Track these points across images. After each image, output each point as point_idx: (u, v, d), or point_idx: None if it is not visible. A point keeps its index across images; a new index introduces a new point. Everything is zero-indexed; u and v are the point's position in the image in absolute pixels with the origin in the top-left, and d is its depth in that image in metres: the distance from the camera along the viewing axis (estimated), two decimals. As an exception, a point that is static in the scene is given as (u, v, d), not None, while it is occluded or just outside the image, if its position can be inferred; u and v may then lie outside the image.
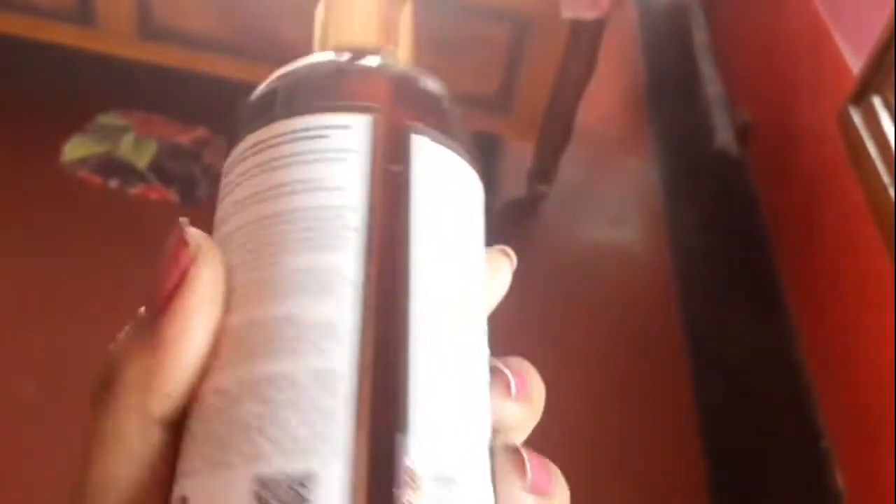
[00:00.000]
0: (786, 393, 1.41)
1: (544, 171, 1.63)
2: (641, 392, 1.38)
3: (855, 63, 1.46)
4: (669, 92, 2.22)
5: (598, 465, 1.25)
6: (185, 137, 1.70)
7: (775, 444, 1.33)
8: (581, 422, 1.31)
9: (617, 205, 1.77)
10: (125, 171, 1.60)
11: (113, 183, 1.58)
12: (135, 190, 1.57)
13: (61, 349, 1.26)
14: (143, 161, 1.62)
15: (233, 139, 0.23)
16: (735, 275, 1.66)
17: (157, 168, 1.62)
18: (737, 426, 1.35)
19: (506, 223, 1.65)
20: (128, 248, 1.46)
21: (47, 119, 1.70)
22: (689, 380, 1.42)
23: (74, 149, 1.63)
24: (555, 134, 1.55)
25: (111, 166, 1.61)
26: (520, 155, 1.79)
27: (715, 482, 1.26)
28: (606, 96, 2.10)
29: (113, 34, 1.59)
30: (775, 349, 1.49)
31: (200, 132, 1.72)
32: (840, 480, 1.25)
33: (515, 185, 1.74)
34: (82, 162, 1.61)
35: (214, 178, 1.62)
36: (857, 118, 1.30)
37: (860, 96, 1.30)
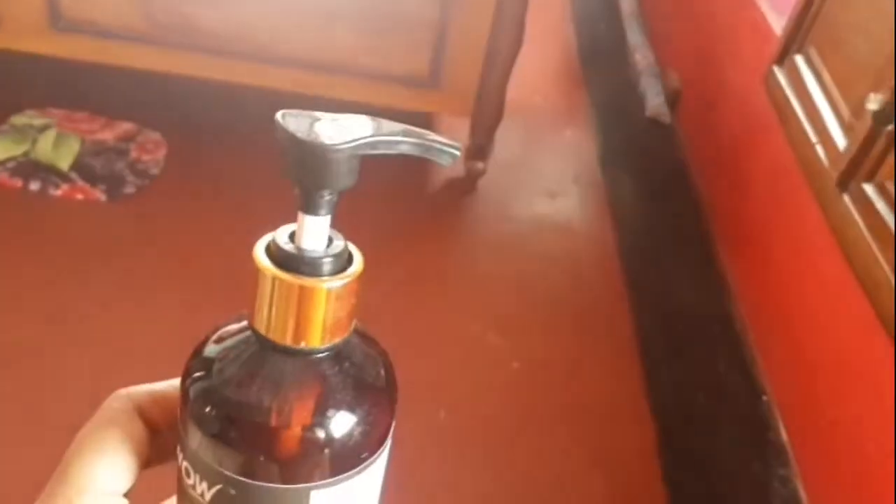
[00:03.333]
0: (727, 351, 1.44)
1: (480, 147, 1.62)
2: (589, 360, 1.39)
3: (776, 23, 1.49)
4: (601, 62, 2.24)
5: (551, 433, 1.26)
6: (110, 134, 1.63)
7: (719, 402, 1.36)
8: (532, 392, 1.32)
9: (555, 178, 1.78)
10: (46, 172, 1.53)
11: (34, 185, 1.51)
12: (58, 192, 1.51)
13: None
14: (65, 161, 1.56)
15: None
16: (673, 239, 1.69)
17: (81, 167, 1.55)
18: (682, 387, 1.38)
19: (445, 202, 1.64)
20: (56, 252, 1.40)
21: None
22: (634, 345, 1.44)
23: (-10, 152, 1.56)
24: (488, 109, 1.54)
25: (31, 168, 1.53)
26: (453, 133, 1.78)
27: (664, 442, 1.29)
28: (539, 69, 2.10)
29: (20, 28, 1.52)
30: (715, 309, 1.52)
31: (126, 127, 1.66)
32: (783, 433, 1.29)
33: (452, 164, 1.73)
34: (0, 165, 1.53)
35: (141, 174, 1.57)
36: (781, 78, 1.32)
37: (784, 56, 1.33)
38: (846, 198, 1.10)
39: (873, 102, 1.01)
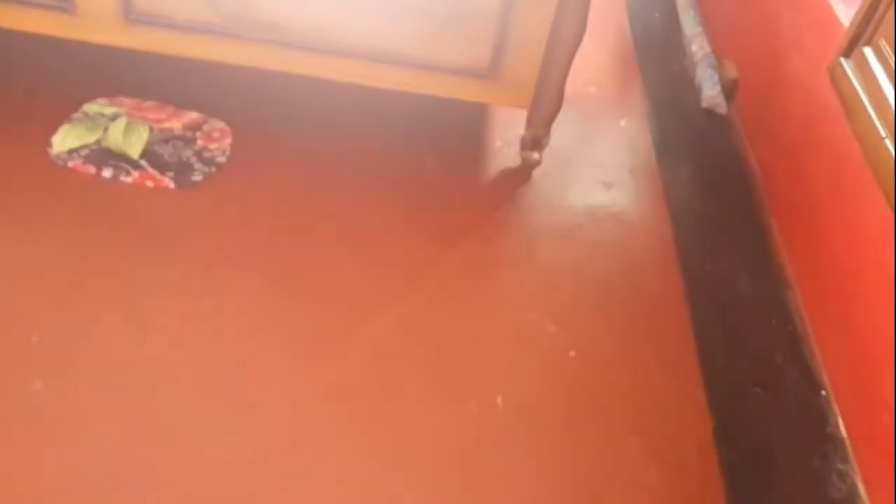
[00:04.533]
0: (785, 344, 1.44)
1: (537, 138, 1.63)
2: (645, 350, 1.40)
3: (843, 15, 1.46)
4: (656, 52, 2.22)
5: (607, 423, 1.28)
6: (178, 122, 1.69)
7: (777, 396, 1.36)
8: (588, 382, 1.33)
9: (610, 168, 1.78)
10: (118, 160, 1.59)
11: (106, 173, 1.57)
12: (129, 179, 1.56)
13: (63, 342, 1.27)
14: (135, 149, 1.61)
15: None
16: (729, 229, 1.68)
17: (150, 155, 1.61)
18: (738, 379, 1.38)
19: (500, 192, 1.66)
20: (128, 237, 1.46)
21: (28, 111, 1.68)
22: (691, 336, 1.44)
23: (64, 139, 1.62)
24: (546, 101, 1.55)
25: (103, 156, 1.59)
26: (508, 124, 1.79)
27: (721, 434, 1.29)
28: (595, 60, 2.10)
29: (94, 20, 1.57)
30: (772, 301, 1.52)
31: (193, 116, 1.71)
32: (842, 429, 1.28)
33: (505, 155, 1.75)
34: (73, 153, 1.59)
35: (208, 162, 1.62)
36: (849, 70, 1.31)
37: (851, 48, 1.31)
38: (916, 193, 1.09)
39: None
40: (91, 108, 1.70)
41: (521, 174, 1.69)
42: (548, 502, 1.16)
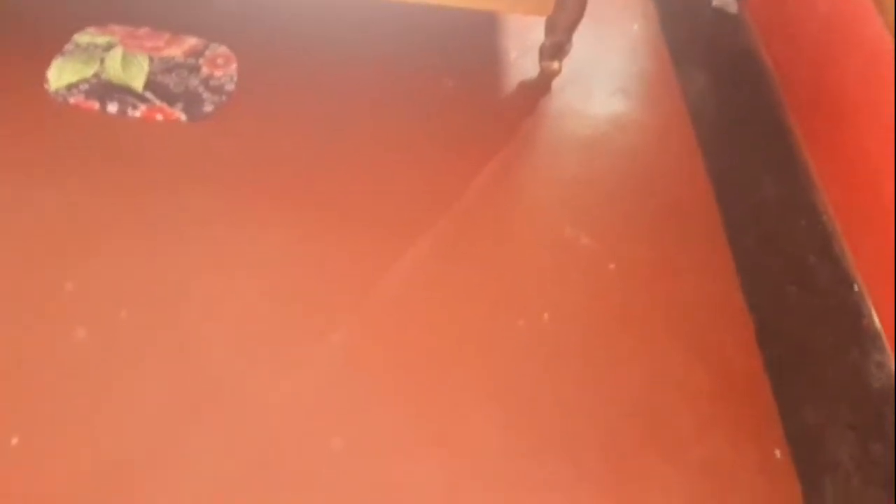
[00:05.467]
0: (815, 243, 1.46)
1: (558, 46, 1.59)
2: (681, 257, 1.41)
3: None
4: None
5: (651, 331, 1.30)
6: (177, 49, 1.60)
7: (812, 293, 1.39)
8: (629, 292, 1.35)
9: (627, 74, 1.75)
10: (121, 93, 1.51)
11: (112, 108, 1.49)
12: (137, 113, 1.49)
13: (99, 288, 1.23)
14: (138, 81, 1.53)
15: None
16: (750, 130, 1.68)
17: (154, 86, 1.53)
18: (774, 279, 1.41)
19: (521, 105, 1.62)
20: (147, 175, 1.40)
21: (16, 46, 1.58)
22: (724, 239, 1.46)
23: (60, 74, 1.53)
24: (571, 4, 1.49)
25: (105, 90, 1.51)
26: (525, 32, 1.73)
27: (762, 335, 1.33)
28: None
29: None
30: (799, 201, 1.53)
31: (192, 42, 1.62)
32: (876, 321, 1.32)
33: (522, 66, 1.70)
34: (72, 88, 1.51)
35: (217, 91, 1.55)
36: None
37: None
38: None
39: None
40: (82, 38, 1.60)
41: (541, 85, 1.65)
42: (601, 410, 1.19)
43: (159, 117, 1.49)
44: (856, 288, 1.39)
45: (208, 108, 1.51)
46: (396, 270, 1.32)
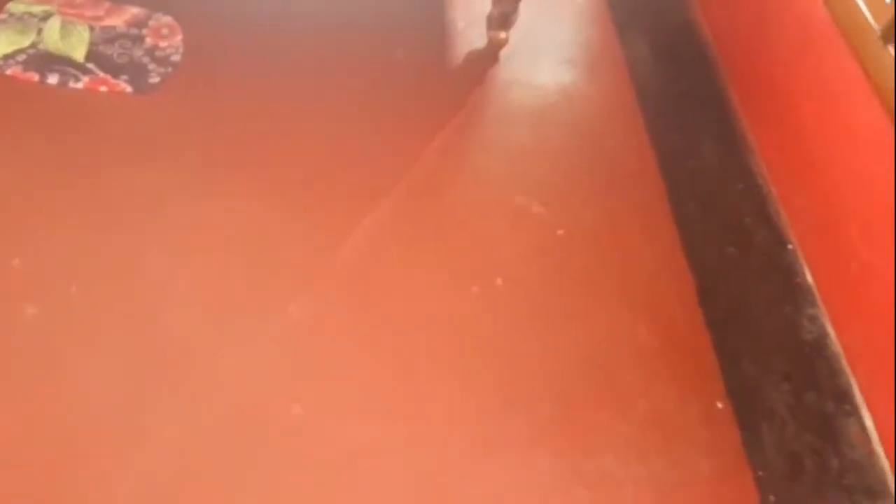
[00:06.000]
0: (752, 206, 1.53)
1: (505, 16, 1.60)
2: (627, 222, 1.46)
3: None
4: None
5: (598, 293, 1.35)
6: (118, 19, 1.56)
7: (749, 253, 1.46)
8: (578, 257, 1.39)
9: (574, 45, 1.78)
10: (62, 64, 1.47)
11: (52, 79, 1.45)
12: (80, 85, 1.46)
13: (48, 264, 1.21)
14: (79, 51, 1.49)
15: None
16: (691, 99, 1.73)
17: (97, 57, 1.49)
18: (714, 241, 1.47)
19: (469, 75, 1.64)
20: (94, 149, 1.38)
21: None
22: (667, 205, 1.51)
23: (-5, 45, 1.48)
24: (517, -23, 1.51)
25: (44, 60, 1.47)
26: (465, 5, 1.74)
27: (703, 293, 1.39)
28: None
29: None
30: (737, 166, 1.60)
31: (134, 11, 1.58)
32: (808, 277, 1.40)
33: (470, 37, 1.71)
34: (8, 59, 1.46)
35: (162, 62, 1.52)
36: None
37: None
38: (891, 49, 1.14)
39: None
40: (16, 7, 1.55)
41: (489, 55, 1.67)
42: (553, 369, 1.24)
43: (103, 89, 1.46)
44: (790, 247, 1.46)
45: (154, 79, 1.49)
46: (351, 240, 1.34)
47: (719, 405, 1.23)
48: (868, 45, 1.21)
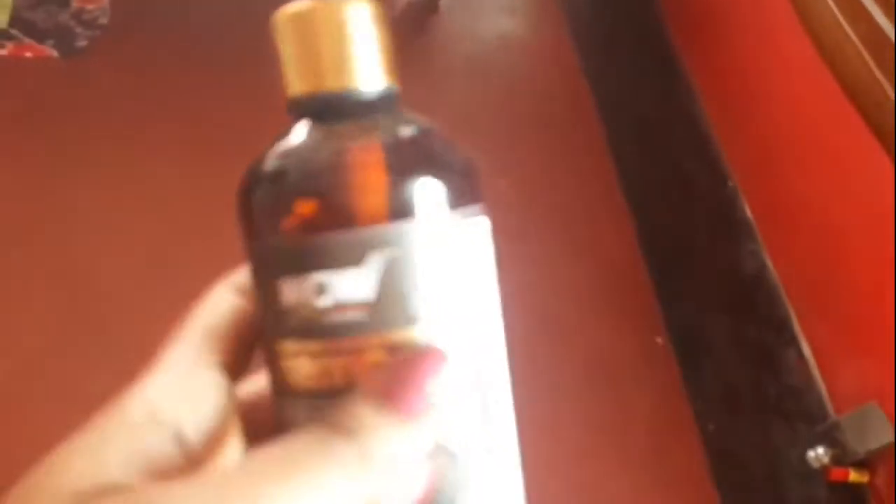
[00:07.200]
0: (693, 149, 1.53)
1: (439, -33, 1.59)
2: (567, 170, 1.46)
3: None
4: None
5: (541, 238, 1.35)
6: (43, -16, 1.53)
7: (690, 194, 1.47)
8: (521, 205, 1.39)
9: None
10: (-16, 31, 1.44)
11: (-25, 47, 1.42)
12: (4, 52, 1.42)
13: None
14: (1, 19, 1.46)
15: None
16: (630, 41, 1.72)
17: (21, 23, 1.46)
18: (654, 183, 1.48)
19: (408, 25, 1.62)
20: (18, 116, 1.35)
21: None
22: (607, 151, 1.51)
23: (-85, 15, 1.44)
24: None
25: (-34, 29, 1.44)
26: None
27: (643, 233, 1.39)
28: None
29: None
30: (678, 109, 1.60)
31: (58, -25, 1.55)
32: (748, 213, 1.41)
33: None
34: (-71, 29, 1.43)
35: (89, 25, 1.49)
36: None
37: None
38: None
39: None
40: (-64, -24, 1.51)
41: (430, 4, 1.65)
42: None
43: (28, 55, 1.43)
44: (730, 184, 1.47)
45: (81, 42, 1.45)
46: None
47: (659, 341, 1.24)
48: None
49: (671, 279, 1.34)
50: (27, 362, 1.07)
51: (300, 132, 0.24)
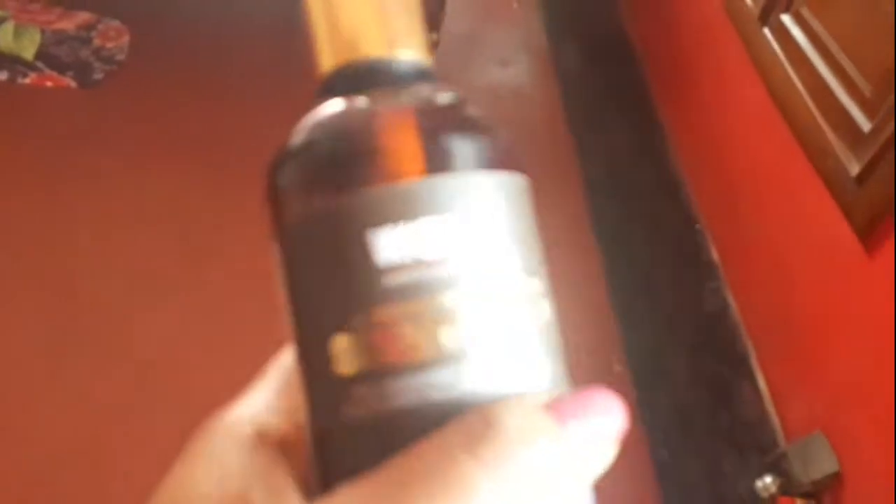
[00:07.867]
0: (663, 189, 1.60)
1: (432, 17, 1.70)
2: (544, 208, 1.53)
3: None
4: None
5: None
6: (69, 23, 1.67)
7: (658, 232, 1.53)
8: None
9: (505, 47, 1.87)
10: (11, 62, 1.57)
11: (1, 76, 1.55)
12: (27, 80, 1.55)
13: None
14: (28, 51, 1.59)
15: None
16: (615, 96, 1.82)
17: (46, 57, 1.59)
18: (624, 219, 1.54)
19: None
20: (36, 140, 1.47)
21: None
22: (581, 189, 1.58)
23: (-48, 47, 1.58)
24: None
25: (-4, 60, 1.57)
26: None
27: (609, 269, 1.45)
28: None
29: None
30: (651, 152, 1.67)
31: (84, 16, 1.69)
32: (714, 254, 1.46)
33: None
34: (-37, 59, 1.57)
35: (107, 60, 1.62)
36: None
37: None
38: (766, 30, 1.23)
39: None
40: (-26, 13, 1.66)
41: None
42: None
43: (49, 84, 1.56)
44: (697, 226, 1.53)
45: (98, 75, 1.58)
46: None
47: (616, 367, 1.28)
48: (749, 27, 1.29)
49: (633, 310, 1.39)
50: (14, 364, 1.14)
51: (339, 104, 0.22)
